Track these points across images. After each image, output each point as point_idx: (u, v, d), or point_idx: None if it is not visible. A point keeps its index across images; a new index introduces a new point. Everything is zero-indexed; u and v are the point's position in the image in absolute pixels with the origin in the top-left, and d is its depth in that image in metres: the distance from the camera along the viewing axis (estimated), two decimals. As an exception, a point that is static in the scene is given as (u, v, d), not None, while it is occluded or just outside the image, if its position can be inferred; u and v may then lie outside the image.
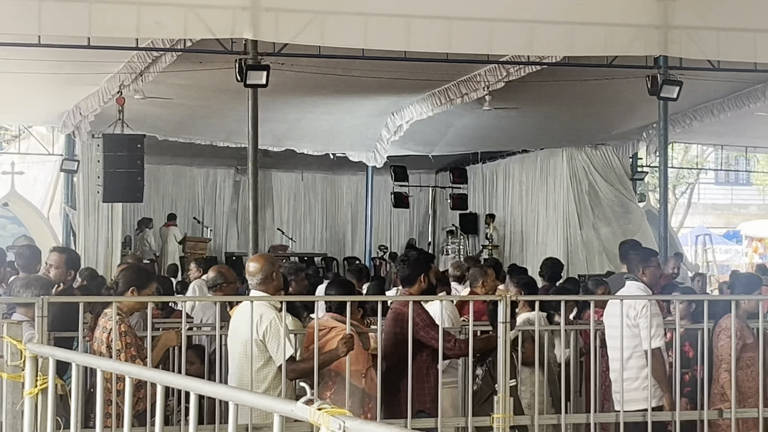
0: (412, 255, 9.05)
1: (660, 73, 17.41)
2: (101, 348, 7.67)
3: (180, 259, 25.02)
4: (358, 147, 26.70)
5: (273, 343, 7.63)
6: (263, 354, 7.70)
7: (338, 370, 7.99)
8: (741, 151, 33.51)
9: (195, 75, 18.11)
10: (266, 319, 7.65)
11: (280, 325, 7.65)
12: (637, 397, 8.56)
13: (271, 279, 7.99)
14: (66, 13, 14.76)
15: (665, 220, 19.18)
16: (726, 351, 8.80)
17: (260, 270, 7.96)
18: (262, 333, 7.65)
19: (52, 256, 9.82)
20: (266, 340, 7.64)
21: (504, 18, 15.90)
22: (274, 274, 8.05)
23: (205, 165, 28.98)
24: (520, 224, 27.69)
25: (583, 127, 24.66)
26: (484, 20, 15.80)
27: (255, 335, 7.65)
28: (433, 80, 20.04)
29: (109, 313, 7.61)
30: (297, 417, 3.90)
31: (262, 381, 7.72)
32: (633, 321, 8.65)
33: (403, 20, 15.47)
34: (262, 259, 8.27)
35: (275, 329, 7.63)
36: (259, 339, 7.67)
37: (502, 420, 7.67)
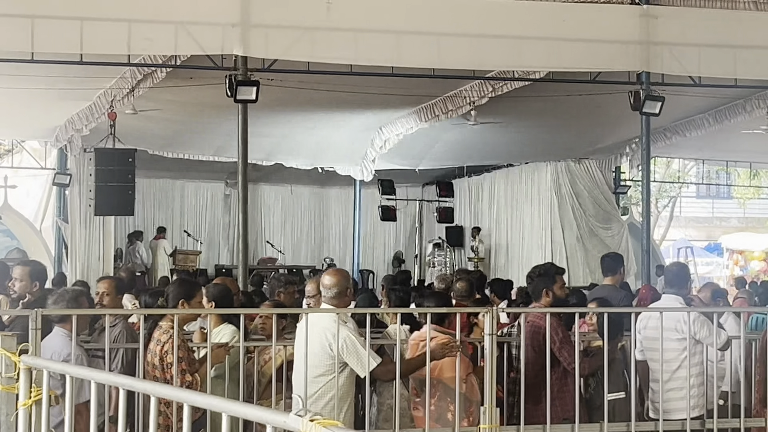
0: (537, 270, 9.21)
1: (642, 89, 17.52)
2: (154, 359, 7.80)
3: (170, 271, 25.18)
4: (346, 161, 26.86)
5: (352, 359, 7.74)
6: (333, 366, 7.79)
7: (440, 378, 8.24)
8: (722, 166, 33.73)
9: (186, 90, 18.22)
10: (341, 338, 7.71)
11: (356, 340, 7.78)
12: (682, 406, 8.66)
13: (344, 294, 8.11)
14: (58, 30, 14.77)
15: (648, 233, 19.30)
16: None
17: (336, 284, 8.05)
18: (336, 349, 7.74)
19: (16, 269, 9.83)
20: (344, 356, 7.74)
21: (490, 34, 16.02)
22: (348, 290, 8.20)
23: (195, 179, 29.11)
24: (505, 237, 27.90)
25: (566, 142, 24.82)
26: (471, 36, 15.89)
27: (328, 349, 7.77)
28: (419, 95, 20.19)
29: (164, 326, 7.79)
30: (289, 428, 3.88)
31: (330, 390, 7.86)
32: (683, 334, 8.74)
33: (392, 36, 15.55)
34: (338, 274, 8.33)
35: (351, 345, 7.75)
36: (332, 353, 7.77)
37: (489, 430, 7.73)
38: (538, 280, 9.08)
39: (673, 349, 8.70)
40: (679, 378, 8.75)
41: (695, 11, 16.76)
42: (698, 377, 8.87)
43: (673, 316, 8.79)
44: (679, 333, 8.76)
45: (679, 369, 8.78)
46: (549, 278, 9.21)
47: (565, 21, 16.35)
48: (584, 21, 16.47)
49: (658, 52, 16.65)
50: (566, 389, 8.39)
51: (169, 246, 27.05)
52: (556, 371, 8.43)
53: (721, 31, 16.75)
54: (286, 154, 25.86)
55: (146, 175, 24.74)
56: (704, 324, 8.83)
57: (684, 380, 8.71)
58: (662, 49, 16.64)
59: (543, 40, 16.31)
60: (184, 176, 28.77)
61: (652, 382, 9.08)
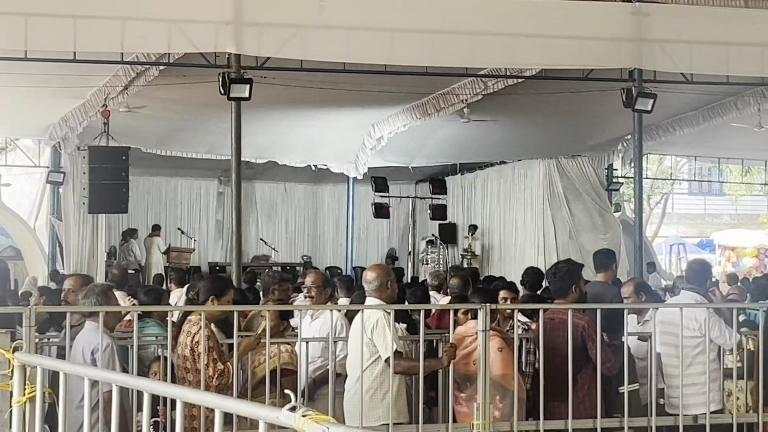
0: (561, 268, 9.25)
1: (634, 86, 17.57)
2: (185, 351, 7.91)
3: (164, 269, 25.21)
4: (340, 158, 26.89)
5: (379, 338, 8.04)
6: (372, 354, 8.13)
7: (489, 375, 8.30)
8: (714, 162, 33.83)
9: (179, 88, 18.23)
10: (374, 319, 8.08)
11: (387, 325, 8.06)
12: (696, 402, 8.73)
13: (385, 287, 8.40)
14: (52, 28, 14.79)
15: (640, 229, 19.38)
16: None
17: (376, 278, 8.39)
18: (369, 331, 8.09)
19: None
20: (373, 337, 8.06)
21: (483, 32, 16.06)
22: (389, 282, 8.45)
23: (188, 176, 29.16)
24: (498, 234, 27.94)
25: (559, 139, 24.89)
26: (463, 34, 15.93)
27: (365, 337, 8.09)
28: (412, 93, 20.25)
29: (194, 319, 7.92)
30: (282, 424, 3.90)
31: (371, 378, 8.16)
32: (695, 332, 8.80)
33: (385, 34, 15.59)
34: (379, 268, 8.66)
35: (381, 327, 8.04)
36: (368, 339, 8.10)
37: (482, 426, 7.82)
38: (566, 276, 9.04)
39: (685, 345, 8.73)
40: (693, 374, 8.79)
41: (687, 8, 16.80)
42: (714, 372, 8.92)
43: (686, 313, 8.81)
44: (691, 330, 8.81)
45: (691, 365, 8.82)
46: (576, 275, 9.20)
47: (556, 18, 16.40)
48: (576, 18, 16.49)
49: (650, 49, 16.69)
50: (594, 386, 8.42)
51: (163, 243, 27.08)
52: (587, 369, 8.45)
53: (712, 28, 16.80)
54: (279, 151, 25.88)
55: (140, 172, 24.75)
56: (716, 324, 8.88)
57: (697, 376, 8.77)
58: (654, 46, 16.69)
59: (535, 38, 16.33)
60: (178, 174, 28.81)
61: (666, 377, 9.13)
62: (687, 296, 9.36)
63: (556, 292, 9.08)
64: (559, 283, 9.00)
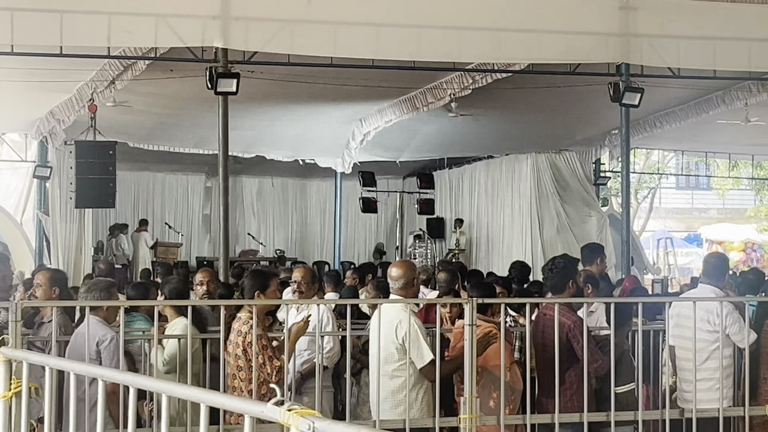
0: (558, 263, 9.25)
1: (622, 81, 17.58)
2: (236, 350, 7.92)
3: (151, 263, 25.20)
4: (327, 153, 26.92)
5: (413, 349, 7.97)
6: (401, 356, 8.06)
7: (485, 365, 8.30)
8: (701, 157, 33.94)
9: (166, 83, 18.22)
10: (404, 325, 7.96)
11: (419, 331, 8.03)
12: (711, 397, 8.70)
13: (411, 284, 8.35)
14: (38, 22, 14.74)
15: (627, 224, 19.39)
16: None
17: (403, 275, 8.32)
18: (401, 338, 8.00)
19: None
20: (406, 345, 7.97)
21: (470, 27, 16.04)
22: (415, 280, 8.43)
23: (176, 171, 29.20)
24: (485, 228, 27.98)
25: (547, 133, 24.91)
26: (450, 29, 15.91)
27: (394, 339, 8.03)
28: (400, 88, 20.27)
29: (244, 317, 7.93)
30: (267, 418, 3.90)
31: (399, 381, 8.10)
32: (714, 326, 8.77)
33: (372, 29, 15.56)
34: (405, 265, 8.61)
35: (414, 335, 7.97)
36: (398, 343, 8.04)
37: (469, 420, 7.82)
38: (562, 272, 9.04)
39: (703, 339, 8.72)
40: (708, 369, 8.77)
41: (674, 3, 16.80)
42: (728, 368, 8.90)
43: (706, 308, 8.79)
44: (711, 325, 8.78)
45: (708, 360, 8.79)
46: (573, 270, 9.21)
47: (543, 13, 16.39)
48: (564, 13, 16.48)
49: (638, 43, 16.68)
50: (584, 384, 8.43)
51: (150, 238, 27.08)
52: (575, 369, 8.44)
53: (700, 22, 16.78)
54: (267, 146, 25.90)
55: (127, 167, 24.74)
56: (737, 321, 8.83)
57: (713, 371, 8.74)
58: (641, 40, 16.67)
59: (522, 32, 16.31)
60: (165, 168, 28.85)
61: (680, 371, 9.10)
62: (705, 290, 9.28)
63: (553, 288, 9.05)
64: (556, 278, 8.99)
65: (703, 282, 9.45)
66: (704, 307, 8.77)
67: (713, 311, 8.75)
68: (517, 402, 8.44)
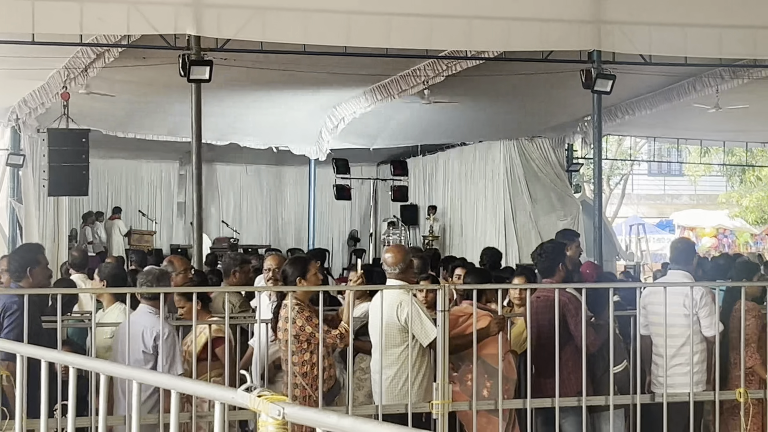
0: (547, 248, 9.28)
1: (594, 68, 17.67)
2: (287, 336, 8.01)
3: (125, 251, 25.18)
4: (301, 140, 26.91)
5: (416, 327, 8.05)
6: (403, 338, 8.14)
7: (479, 354, 8.35)
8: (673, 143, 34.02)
9: (139, 70, 18.19)
10: (406, 305, 8.06)
11: (420, 310, 8.13)
12: (686, 381, 8.72)
13: (410, 268, 8.49)
14: (9, 9, 14.71)
15: (600, 210, 19.51)
16: (754, 331, 9.01)
17: (400, 260, 8.39)
18: (404, 319, 8.09)
19: None
20: (410, 325, 8.04)
21: (442, 14, 16.08)
22: (412, 262, 8.59)
23: (150, 158, 29.16)
24: (459, 215, 28.07)
25: (519, 120, 25.00)
26: (422, 16, 15.93)
27: (396, 321, 8.12)
28: (373, 75, 20.29)
29: (290, 304, 8.00)
30: (237, 404, 3.87)
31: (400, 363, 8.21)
32: (690, 310, 8.79)
33: (343, 16, 15.59)
34: (401, 250, 8.69)
35: (416, 314, 8.06)
36: (401, 324, 8.12)
37: (441, 406, 7.89)
38: (552, 255, 9.13)
39: (679, 324, 8.77)
40: (685, 354, 8.80)
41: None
42: (702, 353, 8.94)
43: (681, 292, 8.83)
44: (687, 309, 8.81)
45: (684, 345, 8.83)
46: (561, 254, 9.31)
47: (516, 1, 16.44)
48: (536, 1, 16.56)
49: (609, 30, 16.75)
50: (579, 364, 8.50)
51: (125, 226, 27.06)
52: (570, 347, 8.51)
53: (670, 9, 16.85)
54: (240, 133, 25.88)
55: (101, 155, 24.68)
56: (708, 305, 8.88)
57: (688, 356, 8.76)
58: (613, 27, 16.75)
59: (495, 20, 16.36)
60: (139, 156, 28.80)
61: (656, 356, 9.09)
62: (677, 275, 9.31)
63: (543, 272, 9.18)
64: (546, 262, 9.10)
65: (673, 268, 9.49)
66: (677, 292, 8.82)
67: (688, 295, 8.81)
68: (511, 392, 8.52)
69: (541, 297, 8.77)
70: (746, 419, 8.83)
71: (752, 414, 8.88)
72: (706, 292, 9.01)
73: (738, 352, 8.82)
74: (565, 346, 8.40)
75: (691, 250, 9.74)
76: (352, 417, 3.58)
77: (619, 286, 9.84)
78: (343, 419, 3.44)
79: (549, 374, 8.36)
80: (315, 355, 7.94)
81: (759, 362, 8.95)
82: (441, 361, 7.89)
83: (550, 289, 8.68)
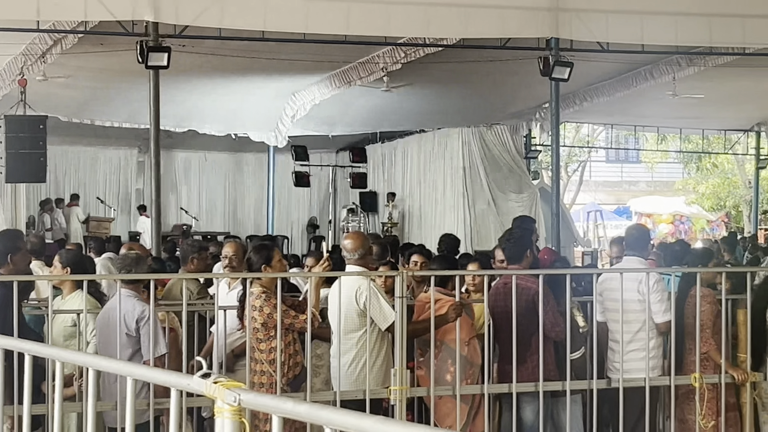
0: (515, 233, 9.32)
1: (552, 55, 17.67)
2: (254, 324, 8.03)
3: (84, 238, 25.05)
4: (260, 127, 26.87)
5: (375, 310, 8.09)
6: (361, 322, 8.18)
7: (443, 339, 8.40)
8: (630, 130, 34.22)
9: (97, 57, 18.10)
10: (365, 290, 8.09)
11: (378, 293, 8.16)
12: (641, 366, 8.76)
13: (369, 254, 8.57)
14: (-34, -5, 14.72)
15: (557, 197, 19.54)
16: (709, 317, 9.02)
17: (360, 246, 8.45)
18: (362, 303, 8.13)
19: None
20: (368, 309, 8.07)
21: (400, 1, 16.06)
22: (371, 248, 8.64)
23: (108, 145, 29.04)
24: (418, 202, 28.14)
25: (478, 107, 25.07)
26: (381, 3, 15.89)
27: (355, 306, 8.17)
28: (332, 62, 20.29)
29: (256, 291, 8.03)
30: (193, 390, 3.84)
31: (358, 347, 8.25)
32: (643, 296, 8.81)
33: (301, 3, 15.52)
34: (360, 237, 8.77)
35: (374, 297, 8.11)
36: (359, 309, 8.17)
37: (399, 392, 7.93)
38: (519, 242, 9.17)
39: (634, 310, 8.80)
40: (641, 339, 8.83)
41: (603, -22, 16.98)
42: (658, 339, 8.99)
43: (635, 278, 8.86)
44: (641, 294, 8.85)
45: (640, 331, 8.86)
46: (528, 240, 9.36)
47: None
48: (494, -13, 16.59)
49: (567, 18, 16.80)
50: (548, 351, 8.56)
51: (83, 213, 26.95)
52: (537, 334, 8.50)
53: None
54: (199, 120, 25.82)
55: (59, 141, 24.60)
56: (661, 291, 8.94)
57: (645, 342, 8.79)
58: (571, 15, 16.78)
59: (453, 7, 16.37)
60: (97, 143, 28.69)
61: (613, 342, 9.11)
62: (632, 261, 9.36)
63: (511, 258, 9.19)
64: (514, 249, 9.13)
65: (628, 254, 9.54)
66: (633, 278, 8.86)
67: (642, 281, 8.85)
68: (476, 377, 8.54)
69: (508, 284, 8.72)
70: (701, 404, 8.90)
71: (707, 399, 8.94)
72: (660, 278, 9.09)
73: (693, 338, 8.89)
74: (535, 334, 8.45)
75: (645, 237, 9.83)
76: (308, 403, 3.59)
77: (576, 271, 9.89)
78: (299, 405, 3.45)
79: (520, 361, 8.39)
80: (282, 342, 7.97)
81: (714, 348, 9.01)
82: (399, 347, 7.92)
83: (521, 276, 8.70)
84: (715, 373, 9.02)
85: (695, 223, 42.59)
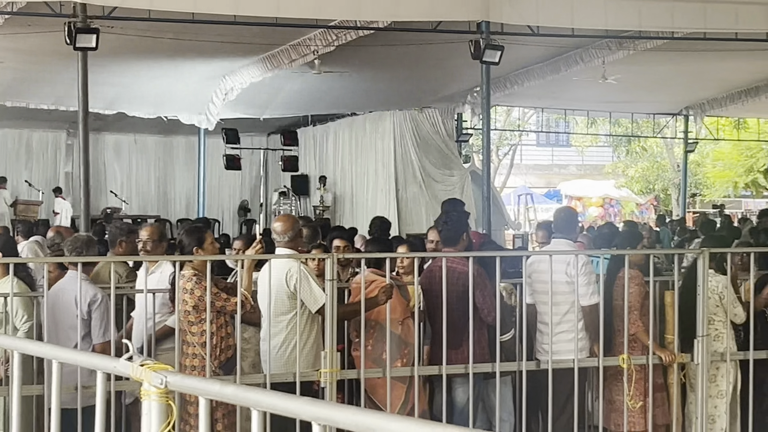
0: (452, 216, 9.29)
1: (482, 38, 17.66)
2: (186, 307, 7.98)
3: (11, 221, 24.78)
4: (190, 110, 26.70)
5: (305, 292, 8.06)
6: (292, 305, 8.15)
7: (377, 320, 8.39)
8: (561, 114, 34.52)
9: (24, 38, 17.90)
10: (295, 272, 8.06)
11: (309, 276, 8.13)
12: (569, 348, 8.79)
13: (299, 236, 8.54)
14: None
15: (488, 180, 19.60)
16: (637, 299, 9.09)
17: (290, 229, 8.42)
18: (293, 285, 8.09)
19: None
20: (298, 291, 8.04)
21: (331, -17, 16.15)
22: (301, 231, 8.61)
23: (37, 128, 28.76)
24: (350, 185, 28.17)
25: (409, 91, 25.12)
26: (312, -15, 16.02)
27: (285, 288, 8.13)
28: (263, 44, 20.21)
29: (187, 274, 8.00)
30: (120, 373, 3.85)
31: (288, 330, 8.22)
32: (571, 278, 8.82)
33: (231, -15, 15.61)
34: (290, 219, 8.70)
35: (305, 279, 8.07)
36: (290, 291, 8.13)
37: (330, 375, 7.95)
38: (456, 224, 9.18)
39: (562, 292, 8.83)
40: (570, 321, 8.88)
41: (533, -39, 17.06)
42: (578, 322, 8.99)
43: (563, 260, 8.89)
44: (569, 277, 8.87)
45: (568, 312, 8.90)
46: (465, 223, 9.37)
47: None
48: (425, -29, 16.63)
49: (497, 2, 16.88)
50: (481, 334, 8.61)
51: (10, 196, 26.64)
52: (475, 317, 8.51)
53: (558, -19, 17.08)
54: (128, 102, 25.60)
55: (-15, 124, 24.33)
56: (589, 275, 8.95)
57: (574, 323, 8.86)
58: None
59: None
60: (25, 125, 28.41)
61: (541, 324, 9.13)
62: (560, 243, 9.37)
63: (446, 241, 9.18)
64: (450, 231, 9.14)
65: (557, 236, 9.58)
66: (561, 260, 8.89)
67: (571, 263, 8.88)
68: (411, 355, 8.57)
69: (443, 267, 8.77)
70: (629, 384, 9.00)
71: (635, 379, 9.03)
72: (588, 260, 9.15)
73: (621, 320, 8.95)
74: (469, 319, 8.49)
75: (573, 219, 9.88)
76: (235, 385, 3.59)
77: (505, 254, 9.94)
78: (226, 387, 3.45)
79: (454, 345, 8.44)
80: (214, 325, 7.95)
81: (641, 329, 9.10)
82: (329, 329, 7.94)
83: (457, 260, 8.74)
84: (643, 354, 9.11)
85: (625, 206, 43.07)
